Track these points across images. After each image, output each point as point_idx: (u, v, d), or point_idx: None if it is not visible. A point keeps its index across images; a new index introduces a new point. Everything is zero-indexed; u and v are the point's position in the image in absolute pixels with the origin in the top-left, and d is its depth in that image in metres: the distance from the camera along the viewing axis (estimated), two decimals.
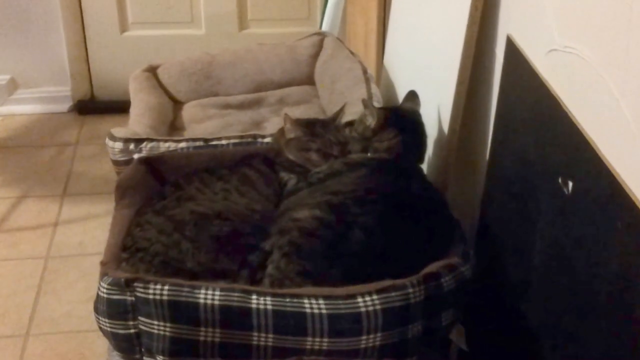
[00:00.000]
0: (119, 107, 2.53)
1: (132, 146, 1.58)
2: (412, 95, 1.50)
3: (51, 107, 2.73)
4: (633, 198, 0.84)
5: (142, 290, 1.09)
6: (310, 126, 1.43)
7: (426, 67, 1.61)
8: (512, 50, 1.24)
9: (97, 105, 2.75)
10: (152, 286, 1.09)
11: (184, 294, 1.08)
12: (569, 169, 1.01)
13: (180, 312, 1.08)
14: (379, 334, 1.08)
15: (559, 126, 1.05)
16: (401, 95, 1.77)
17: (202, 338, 1.08)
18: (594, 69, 0.96)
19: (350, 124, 1.48)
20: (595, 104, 0.96)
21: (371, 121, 1.39)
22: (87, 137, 2.59)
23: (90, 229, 2.09)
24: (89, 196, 2.25)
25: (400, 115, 1.43)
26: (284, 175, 1.39)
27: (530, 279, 1.14)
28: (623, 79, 0.89)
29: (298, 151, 1.41)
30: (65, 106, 2.74)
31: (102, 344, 1.57)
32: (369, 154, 1.39)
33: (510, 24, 1.28)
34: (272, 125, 1.83)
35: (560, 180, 1.02)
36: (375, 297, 1.09)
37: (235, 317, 1.08)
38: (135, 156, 1.55)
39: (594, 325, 0.93)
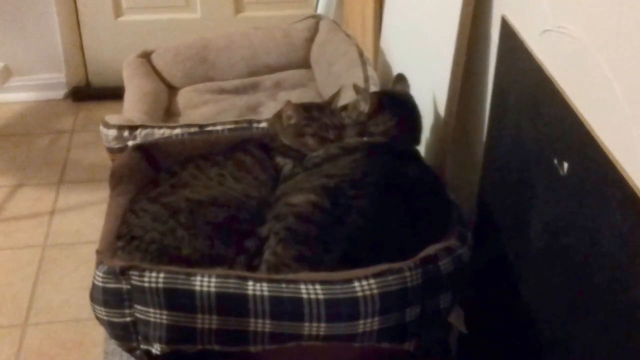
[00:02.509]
0: (115, 93, 2.50)
1: (126, 133, 1.57)
2: (401, 78, 1.49)
3: (46, 94, 2.71)
4: (627, 178, 0.84)
5: (137, 278, 1.09)
6: (307, 111, 1.42)
7: (422, 49, 1.60)
8: (507, 31, 1.23)
9: (92, 92, 2.74)
10: (147, 274, 1.09)
11: (179, 281, 1.08)
12: (564, 150, 1.01)
13: (176, 299, 1.08)
14: (376, 318, 1.08)
15: (553, 107, 1.04)
16: None
17: (198, 325, 1.08)
18: (587, 50, 0.95)
19: (345, 108, 1.47)
20: (589, 84, 0.96)
21: (364, 107, 1.38)
22: (82, 124, 2.58)
23: (87, 217, 2.08)
24: (86, 184, 2.24)
25: (394, 99, 1.42)
26: (280, 160, 1.39)
27: (527, 260, 1.14)
28: (615, 59, 0.88)
29: (294, 137, 1.40)
30: (60, 93, 2.73)
31: (101, 332, 1.57)
32: (365, 138, 1.38)
33: (505, 4, 1.27)
34: (268, 109, 1.82)
35: (555, 161, 1.02)
36: (372, 281, 1.09)
37: (231, 304, 1.08)
38: (130, 143, 1.54)
39: (590, 305, 0.93)
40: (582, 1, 0.98)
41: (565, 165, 1.00)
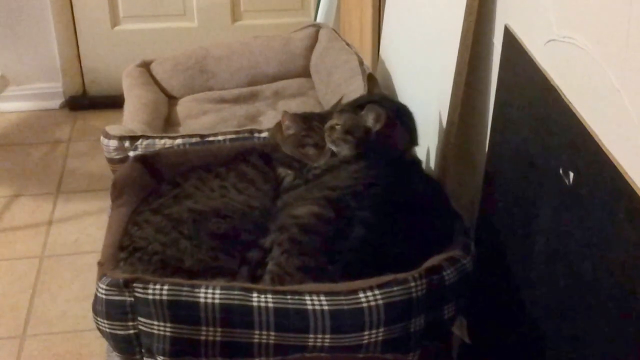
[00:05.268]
0: (112, 103, 2.52)
1: (127, 144, 1.56)
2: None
3: (42, 103, 2.70)
4: (635, 189, 0.84)
5: (141, 290, 1.08)
6: (306, 121, 1.41)
7: (423, 58, 1.60)
8: (510, 40, 1.23)
9: (89, 101, 2.73)
10: (151, 286, 1.08)
11: (183, 293, 1.07)
12: (570, 160, 1.00)
13: (181, 311, 1.07)
14: (381, 329, 1.08)
15: (559, 117, 1.04)
16: (398, 86, 1.76)
17: (203, 337, 1.08)
18: (594, 60, 0.95)
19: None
20: (596, 94, 0.95)
21: (374, 123, 1.31)
22: (79, 133, 2.57)
23: (85, 227, 2.07)
24: (83, 193, 2.23)
25: (398, 111, 1.40)
26: (282, 171, 1.38)
27: (531, 271, 1.13)
28: (623, 69, 0.88)
29: (295, 147, 1.40)
30: (56, 102, 2.72)
31: (100, 344, 1.56)
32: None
33: (508, 13, 1.27)
34: (268, 118, 1.81)
35: (561, 171, 1.02)
36: (377, 292, 1.08)
37: (236, 316, 1.07)
38: (131, 154, 1.54)
39: (596, 316, 0.93)
40: (588, 11, 0.98)
41: (571, 175, 0.99)
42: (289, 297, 1.08)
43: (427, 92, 1.51)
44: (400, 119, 1.35)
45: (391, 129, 1.32)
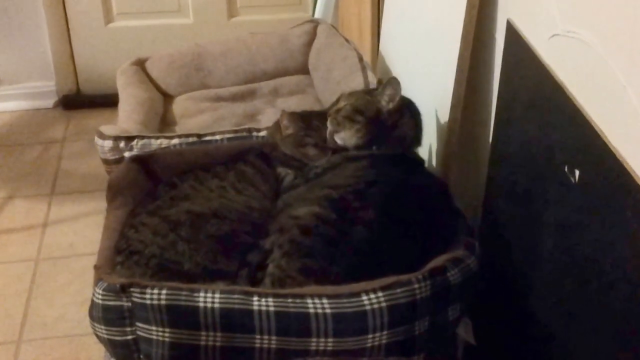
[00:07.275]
0: (106, 101, 2.50)
1: (122, 144, 1.54)
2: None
3: (36, 103, 2.68)
4: None
5: (138, 295, 1.06)
6: (306, 120, 1.39)
7: (424, 53, 1.58)
8: (512, 35, 1.21)
9: (83, 100, 2.71)
10: (149, 291, 1.06)
11: (182, 297, 1.05)
12: (575, 157, 0.99)
13: (179, 316, 1.05)
14: (385, 332, 1.06)
15: (563, 113, 1.03)
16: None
17: (202, 342, 1.06)
18: (599, 55, 0.94)
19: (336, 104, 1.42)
20: (601, 90, 0.95)
21: (388, 102, 1.29)
22: (74, 133, 2.55)
23: (80, 229, 2.05)
24: (79, 194, 2.21)
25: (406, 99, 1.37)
26: (281, 170, 1.37)
27: (537, 270, 1.12)
28: (629, 65, 0.87)
29: (294, 147, 1.38)
30: (50, 102, 2.69)
31: (98, 348, 1.54)
32: (374, 147, 1.33)
33: (510, 7, 1.26)
34: (266, 116, 1.79)
35: (566, 169, 1.00)
36: (380, 294, 1.06)
37: (236, 320, 1.05)
38: (126, 154, 1.52)
39: (603, 316, 0.92)
40: (592, 4, 0.97)
41: (577, 172, 0.98)
42: (290, 300, 1.06)
43: (428, 88, 1.49)
44: (409, 109, 1.33)
45: (400, 114, 1.30)
